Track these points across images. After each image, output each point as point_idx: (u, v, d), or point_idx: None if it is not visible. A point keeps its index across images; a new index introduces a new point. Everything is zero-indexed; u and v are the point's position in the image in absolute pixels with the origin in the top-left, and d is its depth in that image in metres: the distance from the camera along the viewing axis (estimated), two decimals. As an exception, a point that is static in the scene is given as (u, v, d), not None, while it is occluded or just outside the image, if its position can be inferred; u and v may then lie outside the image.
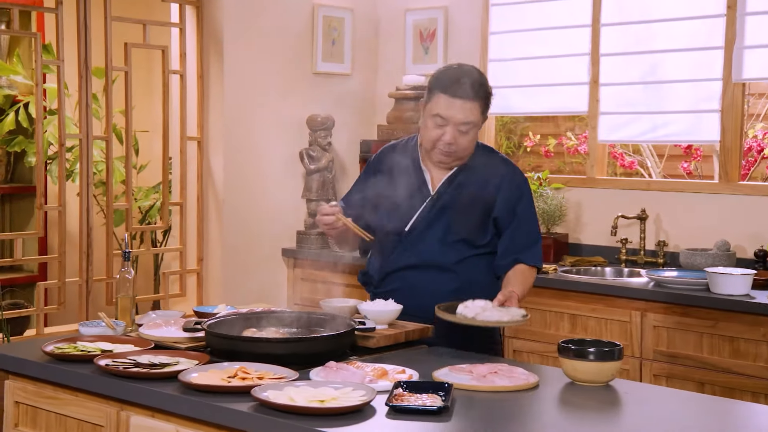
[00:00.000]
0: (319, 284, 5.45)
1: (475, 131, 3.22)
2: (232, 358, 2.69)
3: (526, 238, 3.33)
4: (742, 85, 4.75)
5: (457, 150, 3.21)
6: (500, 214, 3.29)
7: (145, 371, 2.58)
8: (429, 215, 3.28)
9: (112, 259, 5.03)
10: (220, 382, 2.48)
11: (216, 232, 5.29)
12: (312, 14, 5.60)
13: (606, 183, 5.19)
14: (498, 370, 2.62)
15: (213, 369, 2.60)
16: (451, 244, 3.27)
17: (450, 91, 3.15)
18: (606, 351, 2.58)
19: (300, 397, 2.34)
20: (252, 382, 2.47)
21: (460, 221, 3.27)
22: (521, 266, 3.31)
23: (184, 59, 5.23)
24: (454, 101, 3.15)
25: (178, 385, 2.50)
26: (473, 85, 3.16)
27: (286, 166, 5.54)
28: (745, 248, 4.69)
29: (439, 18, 5.67)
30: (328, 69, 5.70)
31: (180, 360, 2.69)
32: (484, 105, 3.21)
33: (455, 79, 3.17)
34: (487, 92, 3.22)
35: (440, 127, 3.18)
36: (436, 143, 3.21)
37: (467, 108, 3.15)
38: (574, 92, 5.22)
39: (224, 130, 5.25)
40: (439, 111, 3.17)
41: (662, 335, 4.28)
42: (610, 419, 2.41)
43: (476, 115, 3.18)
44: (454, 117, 3.15)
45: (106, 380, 2.60)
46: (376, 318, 2.99)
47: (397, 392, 2.41)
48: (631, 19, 5.03)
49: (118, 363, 2.66)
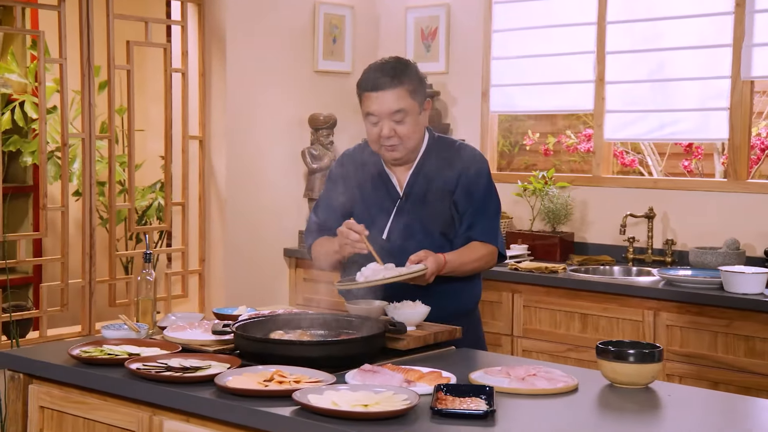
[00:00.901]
0: (321, 285, 5.39)
1: (413, 118, 3.14)
2: (262, 361, 2.64)
3: (481, 218, 3.23)
4: (750, 82, 4.74)
5: (401, 141, 3.15)
6: (458, 198, 3.21)
7: (179, 375, 2.52)
8: (402, 217, 3.23)
9: (114, 260, 4.96)
10: (257, 386, 2.43)
11: (218, 232, 5.23)
12: (313, 12, 5.55)
13: (612, 182, 5.17)
14: (536, 372, 2.58)
15: (247, 372, 2.54)
16: (431, 242, 3.18)
17: (370, 87, 3.13)
18: (646, 353, 2.54)
19: (342, 401, 2.29)
20: (290, 386, 2.42)
21: (433, 217, 3.21)
22: (473, 242, 3.21)
23: (186, 57, 5.16)
24: (376, 95, 3.11)
25: (214, 389, 2.44)
26: (390, 73, 3.11)
27: (288, 166, 5.49)
28: (754, 246, 4.68)
29: (441, 16, 5.63)
30: (329, 67, 5.65)
31: (211, 363, 2.64)
32: (413, 90, 3.13)
33: (372, 74, 3.15)
34: (413, 77, 3.15)
35: (375, 125, 3.15)
36: (378, 140, 3.17)
37: (391, 97, 3.10)
38: (579, 90, 5.20)
39: (227, 128, 5.19)
40: (368, 109, 3.15)
41: (676, 334, 4.26)
42: (660, 423, 2.37)
43: (406, 102, 3.11)
44: (381, 110, 3.11)
45: (138, 384, 2.54)
46: (405, 320, 2.94)
47: (439, 396, 2.37)
48: (638, 16, 5.02)
49: (149, 367, 2.60)
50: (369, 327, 2.83)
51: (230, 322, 2.86)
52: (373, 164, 3.29)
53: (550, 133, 6.44)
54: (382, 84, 3.11)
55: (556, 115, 6.50)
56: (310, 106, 5.53)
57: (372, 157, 3.29)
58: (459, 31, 5.61)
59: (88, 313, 4.82)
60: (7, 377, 2.84)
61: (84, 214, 4.81)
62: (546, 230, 5.13)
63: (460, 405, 2.30)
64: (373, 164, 3.28)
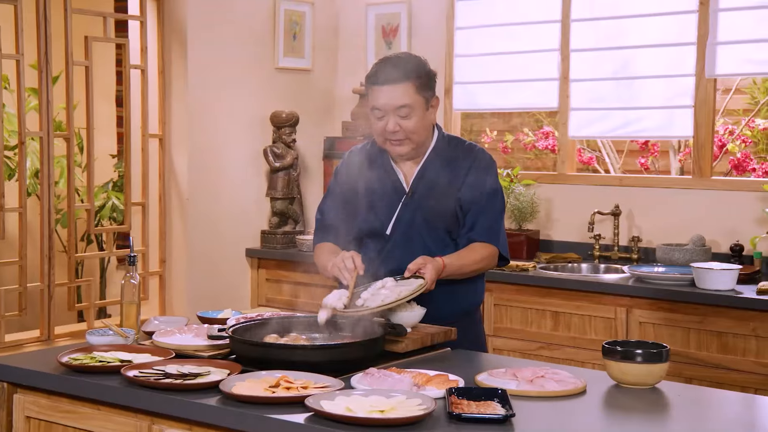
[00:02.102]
0: (285, 285, 5.33)
1: (419, 114, 3.09)
2: (261, 366, 2.56)
3: (486, 217, 3.19)
4: (713, 80, 4.78)
5: (407, 136, 3.10)
6: (463, 197, 3.17)
7: (181, 382, 2.44)
8: (407, 213, 3.18)
9: (73, 262, 4.83)
10: (264, 393, 2.36)
11: (179, 233, 5.12)
12: (273, 7, 5.46)
13: (577, 179, 5.18)
14: (544, 373, 2.55)
15: (250, 379, 2.47)
16: (436, 240, 3.16)
17: (378, 81, 3.08)
18: (654, 353, 2.53)
19: (356, 407, 2.23)
20: (299, 392, 2.35)
21: (438, 215, 3.17)
22: (474, 243, 3.17)
23: (145, 54, 5.04)
24: (382, 89, 3.07)
25: (219, 396, 2.37)
26: (399, 68, 3.08)
27: (250, 164, 5.40)
28: (719, 243, 4.72)
29: (402, 13, 5.59)
30: (290, 64, 5.57)
31: (210, 369, 2.56)
32: (420, 85, 3.08)
33: (380, 68, 3.11)
34: (421, 72, 3.10)
35: (381, 119, 3.10)
36: (384, 134, 3.12)
37: (397, 92, 3.05)
38: (543, 88, 5.20)
39: (188, 126, 5.08)
40: (374, 103, 3.10)
41: (648, 331, 4.28)
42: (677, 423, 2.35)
43: (411, 97, 3.06)
44: (387, 104, 3.06)
45: (136, 392, 2.45)
46: (402, 322, 2.89)
47: (453, 400, 2.32)
48: (602, 15, 5.03)
49: (147, 374, 2.51)
50: (366, 329, 2.77)
51: (223, 326, 2.78)
52: (380, 159, 3.23)
53: (506, 130, 6.44)
54: (388, 78, 3.05)
55: (511, 113, 6.50)
56: (272, 103, 5.44)
57: (379, 153, 3.23)
58: (421, 28, 5.57)
59: (47, 318, 4.68)
60: (-10, 386, 2.73)
61: (42, 216, 4.67)
62: (512, 228, 5.12)
63: (477, 409, 2.26)
64: (380, 159, 3.23)
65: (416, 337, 2.86)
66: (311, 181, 5.67)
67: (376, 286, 2.93)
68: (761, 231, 4.57)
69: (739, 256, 4.56)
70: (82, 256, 5.17)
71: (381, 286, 2.93)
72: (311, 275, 5.19)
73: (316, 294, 5.20)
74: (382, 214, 3.17)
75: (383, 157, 3.23)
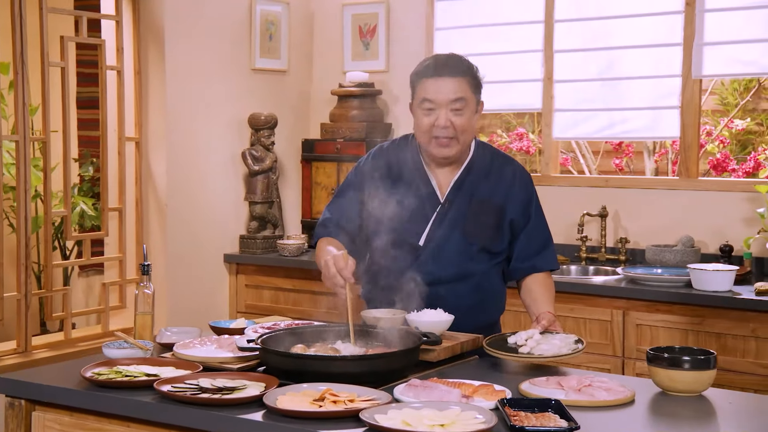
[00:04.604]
0: (265, 291, 5.21)
1: (470, 112, 2.97)
2: (296, 378, 2.46)
3: (540, 241, 3.19)
4: (699, 81, 4.78)
5: (456, 134, 2.96)
6: (516, 216, 3.10)
7: (220, 397, 2.33)
8: (442, 225, 3.05)
9: (51, 271, 4.66)
10: (311, 407, 2.26)
11: (158, 239, 4.97)
12: (250, 7, 5.34)
13: (562, 180, 5.14)
14: (590, 382, 2.49)
15: (291, 392, 2.36)
16: (472, 255, 3.06)
17: (431, 73, 2.96)
18: (702, 359, 2.48)
19: (413, 421, 2.15)
20: (347, 406, 2.26)
21: (476, 228, 3.06)
22: (541, 276, 3.17)
23: (121, 54, 4.88)
24: (437, 81, 2.94)
25: (263, 411, 2.26)
26: (453, 62, 2.98)
27: (228, 168, 5.27)
28: (706, 243, 4.72)
29: (380, 12, 5.50)
30: (266, 65, 5.44)
31: (245, 383, 2.45)
32: (473, 82, 2.98)
33: (434, 61, 3.00)
34: (475, 72, 3.01)
35: (431, 112, 2.95)
36: (431, 131, 2.96)
37: (453, 84, 2.93)
38: (527, 89, 5.15)
39: (166, 129, 4.93)
40: (425, 95, 2.95)
41: (645, 333, 4.25)
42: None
43: (466, 91, 2.95)
44: (441, 96, 2.93)
45: (172, 408, 2.33)
46: (430, 329, 2.81)
47: (508, 412, 2.25)
48: (587, 15, 5.00)
49: (180, 388, 2.39)
50: (401, 338, 2.68)
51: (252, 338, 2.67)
52: (412, 163, 3.07)
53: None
54: (445, 71, 2.94)
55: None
56: (248, 105, 5.32)
57: (410, 155, 3.08)
58: (399, 28, 5.49)
59: (24, 328, 4.50)
60: (6, 404, 2.58)
61: (19, 223, 4.49)
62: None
63: (538, 421, 2.19)
64: (412, 163, 3.07)
65: (448, 345, 2.78)
66: (289, 185, 5.56)
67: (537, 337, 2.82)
68: (748, 231, 4.57)
69: (728, 256, 4.56)
70: (63, 263, 5.00)
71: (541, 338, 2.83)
72: (293, 281, 5.10)
73: (299, 300, 5.10)
74: (414, 224, 3.03)
75: (415, 161, 3.08)
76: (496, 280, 3.18)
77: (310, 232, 5.36)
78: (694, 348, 2.59)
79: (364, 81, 5.36)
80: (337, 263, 2.73)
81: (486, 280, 3.12)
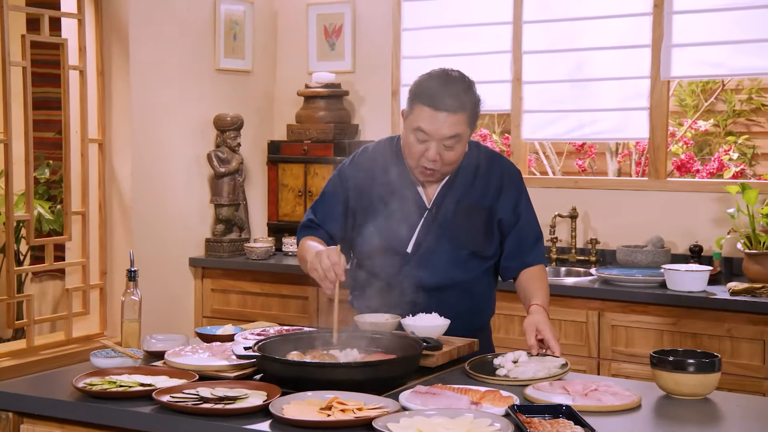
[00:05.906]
0: (232, 295, 5.12)
1: (463, 144, 2.89)
2: (294, 385, 2.40)
3: (531, 237, 3.10)
4: (668, 83, 4.80)
5: (441, 168, 2.89)
6: (504, 216, 3.04)
7: (223, 407, 2.26)
8: (430, 231, 2.99)
9: (13, 276, 4.53)
10: (319, 416, 2.20)
11: (122, 243, 4.86)
12: (214, 6, 5.24)
13: (531, 182, 5.10)
14: (596, 386, 2.46)
15: (295, 401, 2.30)
16: (461, 261, 3.00)
17: (433, 104, 2.80)
18: (707, 362, 2.47)
19: (428, 429, 2.10)
20: (356, 415, 2.20)
21: (464, 233, 3.00)
22: (532, 270, 3.09)
23: (83, 54, 4.76)
24: (437, 115, 2.80)
25: (270, 421, 2.20)
26: (459, 96, 2.82)
27: (193, 170, 5.17)
28: (676, 244, 4.74)
29: (345, 12, 5.44)
30: (230, 65, 5.36)
31: (246, 392, 2.38)
32: (472, 115, 2.88)
33: (439, 89, 2.82)
34: (475, 101, 2.89)
35: (423, 143, 2.85)
36: (419, 159, 2.88)
37: (452, 121, 2.81)
38: (496, 90, 5.12)
39: (130, 130, 4.83)
40: (421, 125, 2.83)
41: (621, 334, 4.25)
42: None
43: (463, 128, 2.84)
44: (437, 132, 2.81)
45: (173, 418, 2.25)
46: (426, 334, 2.76)
47: (521, 418, 2.21)
48: (555, 16, 4.99)
49: (179, 398, 2.32)
50: (401, 345, 2.63)
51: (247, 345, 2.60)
52: (400, 167, 2.99)
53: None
54: (448, 105, 2.79)
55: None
56: (213, 106, 5.23)
57: (398, 159, 3.00)
58: (366, 29, 5.44)
59: (-13, 336, 4.38)
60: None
61: (-18, 227, 4.36)
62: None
63: (553, 428, 2.15)
64: (398, 167, 2.99)
65: (445, 350, 2.74)
66: (255, 187, 5.47)
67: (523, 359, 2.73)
68: (717, 231, 4.61)
69: (698, 256, 4.59)
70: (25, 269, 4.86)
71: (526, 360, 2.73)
72: (261, 284, 5.02)
73: (267, 304, 5.02)
74: (401, 230, 2.96)
75: (400, 165, 3.00)
76: (486, 285, 3.13)
77: (277, 235, 5.29)
78: (698, 351, 2.57)
79: (331, 81, 5.30)
80: (330, 257, 2.67)
81: (476, 285, 3.07)
